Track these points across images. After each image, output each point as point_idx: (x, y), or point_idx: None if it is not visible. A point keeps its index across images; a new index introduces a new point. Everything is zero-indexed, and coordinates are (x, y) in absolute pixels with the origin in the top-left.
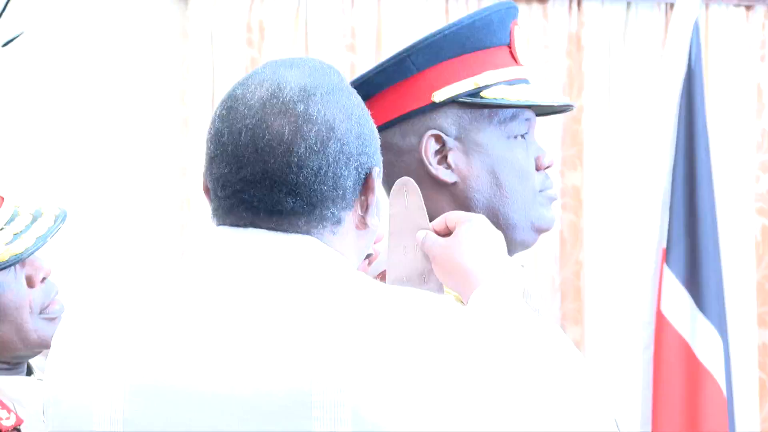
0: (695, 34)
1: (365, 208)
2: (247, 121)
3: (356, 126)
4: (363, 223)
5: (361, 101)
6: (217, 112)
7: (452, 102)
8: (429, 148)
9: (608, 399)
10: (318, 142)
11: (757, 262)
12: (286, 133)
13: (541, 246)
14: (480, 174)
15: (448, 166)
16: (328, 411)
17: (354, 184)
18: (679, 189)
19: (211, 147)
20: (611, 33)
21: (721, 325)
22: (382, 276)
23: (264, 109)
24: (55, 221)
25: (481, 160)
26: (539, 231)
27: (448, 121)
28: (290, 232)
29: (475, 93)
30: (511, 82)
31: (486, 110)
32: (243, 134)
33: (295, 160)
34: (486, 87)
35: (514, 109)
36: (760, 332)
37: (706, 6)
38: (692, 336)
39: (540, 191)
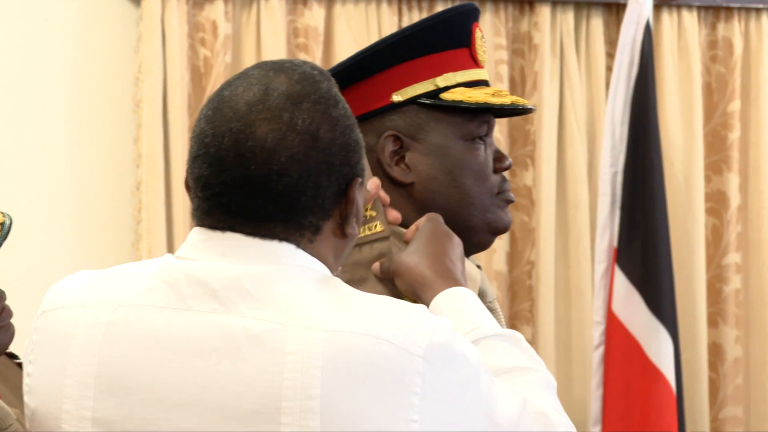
0: (647, 35)
1: (344, 217)
2: (232, 125)
3: (341, 137)
4: (341, 232)
5: (349, 111)
6: (203, 112)
7: (412, 103)
8: (387, 148)
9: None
10: (301, 152)
11: (707, 262)
12: (270, 141)
13: (493, 245)
14: (437, 175)
15: (406, 167)
16: (297, 417)
17: (334, 195)
18: (631, 189)
19: (195, 146)
20: (563, 33)
21: (671, 325)
22: None
23: (249, 115)
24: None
25: (439, 162)
26: (496, 233)
27: (406, 121)
28: (267, 238)
29: (434, 94)
30: (470, 84)
31: (445, 112)
32: (227, 137)
33: (276, 168)
34: (445, 89)
35: (473, 112)
36: (710, 332)
37: (657, 8)
38: (643, 336)
39: (497, 193)
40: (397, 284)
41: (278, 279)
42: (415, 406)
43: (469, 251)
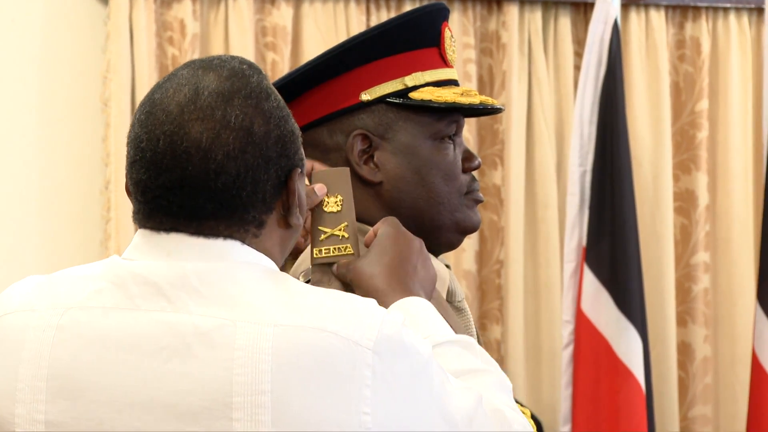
0: (615, 34)
1: (287, 208)
2: (165, 128)
3: (276, 129)
4: (286, 224)
5: (282, 102)
6: (137, 116)
7: (380, 102)
8: (355, 147)
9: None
10: (237, 148)
11: (675, 261)
12: (204, 140)
13: (462, 245)
14: (406, 174)
15: (375, 166)
16: (248, 413)
17: (274, 187)
18: (599, 188)
19: (131, 151)
20: (531, 32)
21: (640, 324)
22: None
23: (182, 116)
24: None
25: (407, 161)
26: (464, 233)
27: (375, 120)
28: (212, 237)
29: (403, 93)
30: (439, 84)
31: (413, 111)
32: (161, 141)
33: (213, 166)
34: (414, 88)
35: (442, 111)
36: (679, 331)
37: (625, 7)
38: (612, 335)
39: (466, 193)
40: (354, 292)
41: (226, 276)
42: (366, 398)
43: (437, 251)
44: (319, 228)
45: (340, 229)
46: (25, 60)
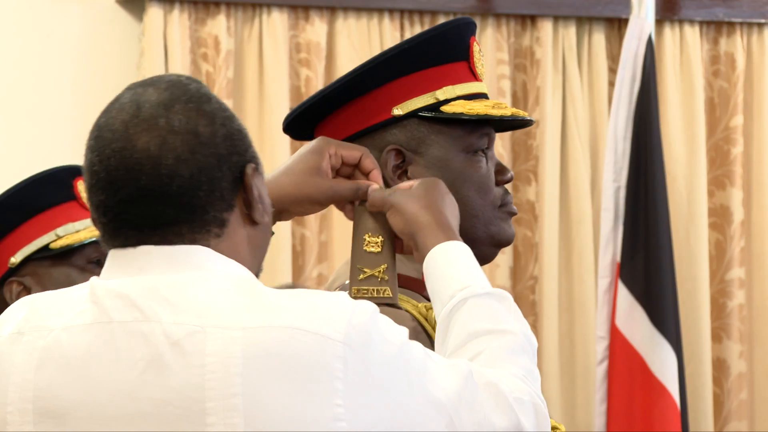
0: (649, 50)
1: (248, 204)
2: (114, 145)
3: (222, 128)
4: (250, 220)
5: (224, 105)
6: (87, 144)
7: (412, 116)
8: (389, 162)
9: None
10: (186, 151)
11: (710, 276)
12: (152, 149)
13: (496, 260)
14: None
15: (408, 180)
16: (221, 417)
17: (230, 185)
18: (634, 204)
19: (87, 179)
20: (565, 48)
21: (675, 339)
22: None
23: (127, 131)
24: None
25: (440, 174)
26: (499, 246)
27: (408, 135)
28: (176, 244)
29: (434, 107)
30: (470, 97)
31: (445, 124)
32: (112, 159)
33: (166, 172)
34: (446, 101)
35: (474, 124)
36: (713, 347)
37: (660, 23)
38: (647, 351)
39: (500, 206)
40: (389, 218)
41: (194, 284)
42: (338, 390)
43: None
44: (358, 267)
45: (379, 271)
46: (61, 76)
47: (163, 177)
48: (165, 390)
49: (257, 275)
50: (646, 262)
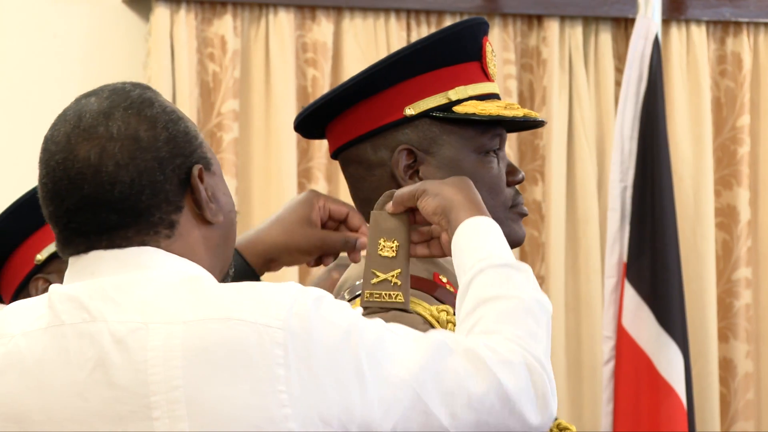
0: (655, 50)
1: (198, 205)
2: (57, 157)
3: (164, 131)
4: (203, 220)
5: (169, 108)
6: (39, 159)
7: (424, 116)
8: (400, 162)
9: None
10: (125, 156)
11: (717, 276)
12: (93, 157)
13: None
14: None
15: (420, 180)
16: (165, 410)
17: (177, 187)
18: (640, 204)
19: (39, 192)
20: (572, 48)
21: (682, 339)
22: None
23: (69, 142)
24: None
25: (452, 175)
26: (510, 246)
27: (419, 135)
28: (124, 247)
29: (447, 107)
30: (482, 97)
31: (457, 125)
32: (56, 170)
33: (107, 179)
34: (458, 102)
35: (486, 125)
36: (720, 346)
37: (666, 22)
38: (653, 350)
39: (511, 207)
40: (420, 205)
41: (141, 284)
42: (280, 377)
43: None
44: (372, 270)
45: (393, 276)
46: (66, 76)
47: (105, 184)
48: (113, 388)
49: (225, 273)
50: (652, 262)
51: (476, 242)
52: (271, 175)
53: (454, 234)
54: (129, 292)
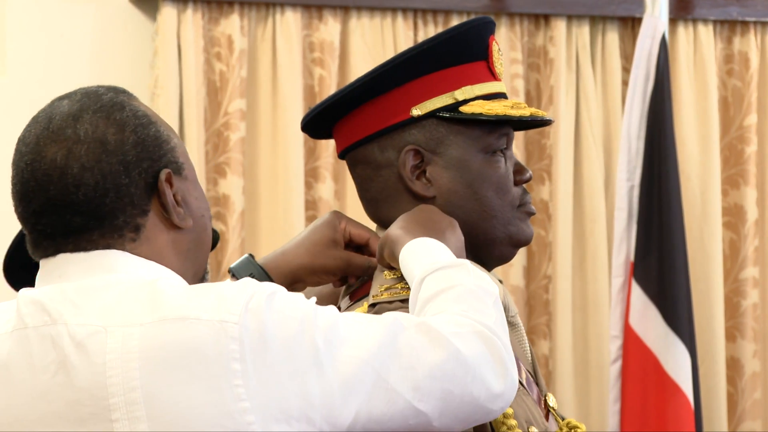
0: (662, 49)
1: (165, 209)
2: (26, 158)
3: (132, 135)
4: (171, 224)
5: (140, 112)
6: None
7: (431, 116)
8: (407, 162)
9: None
10: (91, 159)
11: (724, 276)
12: (59, 159)
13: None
14: (458, 188)
15: (427, 181)
16: (124, 411)
17: (142, 190)
18: (647, 203)
19: (12, 192)
20: (579, 47)
21: (689, 339)
22: None
23: (38, 144)
24: None
25: (459, 175)
26: (518, 246)
27: (426, 135)
28: (90, 250)
29: (453, 107)
30: (489, 97)
31: (464, 125)
32: (25, 171)
33: (72, 181)
34: (464, 102)
35: (492, 124)
36: (727, 346)
37: (673, 22)
38: (660, 350)
39: (518, 206)
40: (384, 255)
41: (103, 287)
42: (236, 371)
43: (490, 264)
44: (379, 287)
45: (399, 287)
46: (74, 75)
47: (69, 186)
48: (74, 390)
49: (201, 277)
50: (659, 261)
51: (411, 264)
52: (278, 174)
53: (399, 264)
54: (90, 296)
